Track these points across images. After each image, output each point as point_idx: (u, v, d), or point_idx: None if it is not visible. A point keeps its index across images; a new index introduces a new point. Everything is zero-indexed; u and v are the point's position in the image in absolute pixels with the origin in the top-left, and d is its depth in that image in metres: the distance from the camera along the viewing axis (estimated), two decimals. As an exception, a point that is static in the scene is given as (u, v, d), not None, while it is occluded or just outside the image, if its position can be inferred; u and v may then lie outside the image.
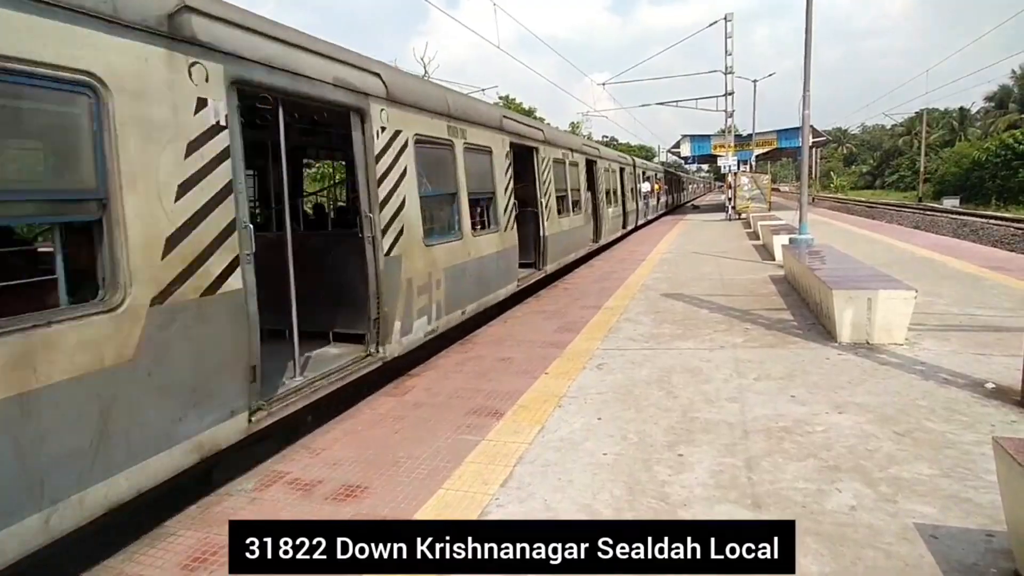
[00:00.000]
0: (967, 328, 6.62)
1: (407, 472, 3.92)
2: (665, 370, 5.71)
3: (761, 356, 6.02)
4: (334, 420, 4.93)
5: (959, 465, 3.63)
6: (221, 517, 3.48)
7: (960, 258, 11.75)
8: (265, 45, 4.40)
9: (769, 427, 4.32)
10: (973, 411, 4.43)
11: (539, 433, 4.41)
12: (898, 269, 9.42)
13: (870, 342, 6.27)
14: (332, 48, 5.37)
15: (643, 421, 4.54)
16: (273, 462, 4.19)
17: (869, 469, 3.64)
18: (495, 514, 3.34)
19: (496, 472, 3.83)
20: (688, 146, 37.08)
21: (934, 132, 68.13)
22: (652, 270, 12.19)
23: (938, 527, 3.01)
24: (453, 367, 6.22)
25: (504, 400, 5.12)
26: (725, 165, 28.15)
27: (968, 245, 15.05)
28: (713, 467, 3.76)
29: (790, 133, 32.90)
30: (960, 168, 49.65)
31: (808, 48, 11.37)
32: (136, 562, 3.10)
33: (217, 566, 3.01)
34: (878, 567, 2.73)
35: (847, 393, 4.92)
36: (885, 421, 4.32)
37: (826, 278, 7.01)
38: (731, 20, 24.80)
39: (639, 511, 3.30)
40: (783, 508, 3.25)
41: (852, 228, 20.07)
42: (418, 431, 4.59)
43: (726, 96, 26.52)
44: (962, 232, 25.15)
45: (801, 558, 2.80)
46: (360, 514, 3.43)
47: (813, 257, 9.02)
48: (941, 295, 8.22)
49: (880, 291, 6.25)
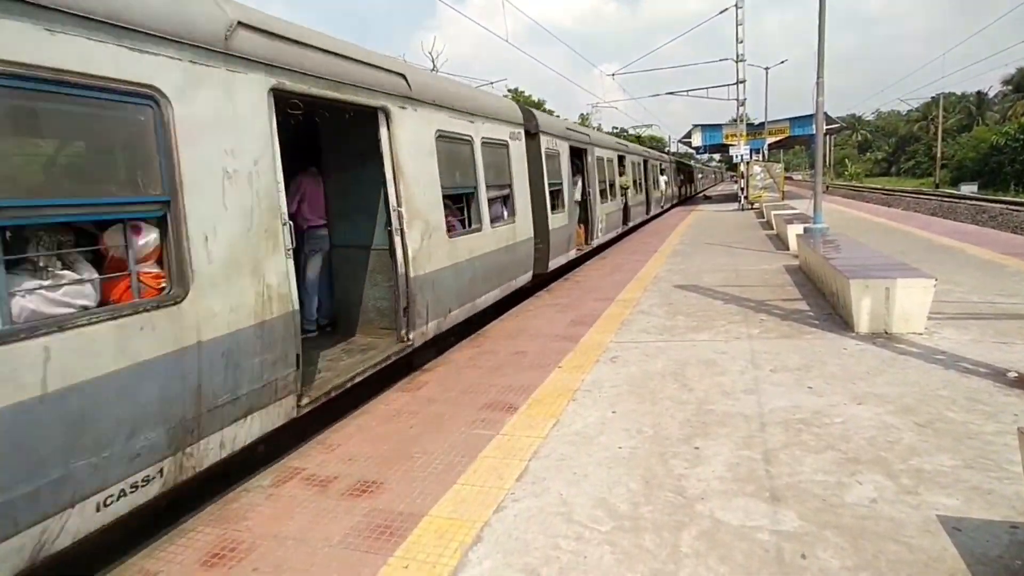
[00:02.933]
0: (988, 316, 6.52)
1: (422, 467, 3.92)
2: (680, 362, 5.67)
3: (777, 347, 5.96)
4: (349, 416, 4.95)
5: (982, 456, 3.57)
6: (239, 513, 3.51)
7: (979, 245, 11.57)
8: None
9: (786, 419, 4.28)
10: (995, 400, 4.36)
11: (554, 427, 4.39)
12: (916, 257, 9.31)
13: (888, 332, 6.19)
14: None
15: (658, 414, 4.51)
16: (289, 458, 4.21)
17: (890, 461, 3.59)
18: (511, 509, 3.33)
19: (511, 467, 3.83)
20: (699, 136, 36.78)
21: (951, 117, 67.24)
22: (664, 262, 12.11)
23: (961, 519, 2.96)
24: (466, 362, 6.22)
25: (518, 394, 5.11)
26: (737, 154, 27.88)
27: (987, 232, 14.81)
28: (730, 460, 3.73)
29: (803, 121, 32.57)
30: (978, 153, 48.98)
31: (821, 33, 11.19)
32: (156, 558, 3.12)
33: (236, 561, 3.03)
34: (900, 561, 2.69)
35: (866, 384, 4.86)
36: (905, 412, 4.27)
37: (842, 267, 6.93)
38: (742, 7, 24.52)
39: (655, 505, 3.28)
40: (802, 501, 3.21)
41: (867, 216, 19.83)
42: (432, 426, 4.59)
43: (737, 84, 26.24)
44: (981, 219, 24.79)
45: (821, 552, 2.78)
46: (376, 510, 3.43)
47: (828, 246, 8.90)
48: (960, 283, 8.10)
49: (898, 280, 6.16)
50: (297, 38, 4.68)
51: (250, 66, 4.13)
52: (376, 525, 3.28)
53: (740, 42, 25.06)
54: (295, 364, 4.42)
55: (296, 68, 4.58)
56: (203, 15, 3.79)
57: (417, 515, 3.34)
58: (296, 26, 4.82)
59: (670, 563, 2.78)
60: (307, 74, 4.70)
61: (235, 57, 3.99)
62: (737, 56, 25.31)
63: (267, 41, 4.32)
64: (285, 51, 4.48)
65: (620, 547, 2.93)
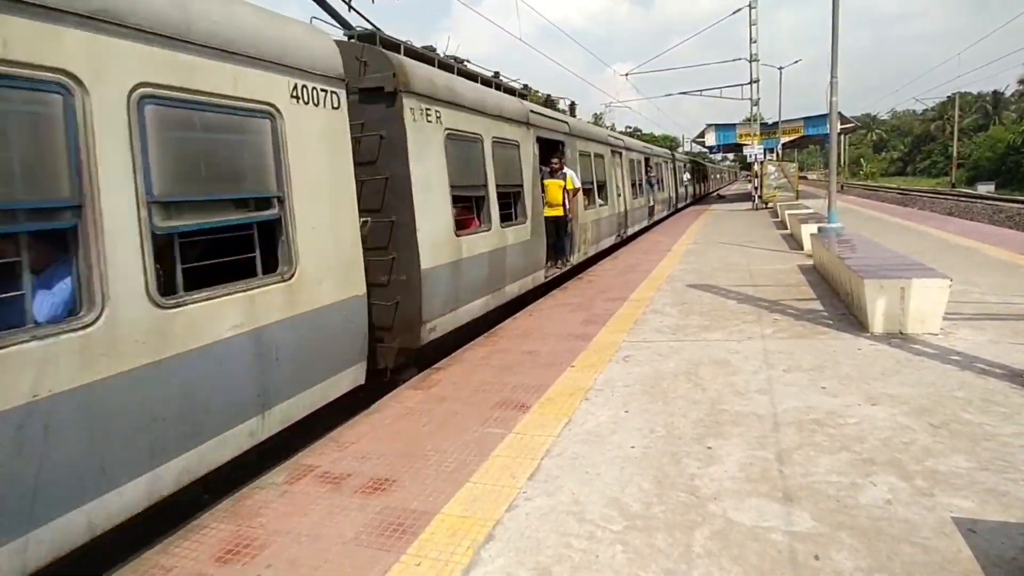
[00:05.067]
0: (1004, 317, 6.44)
1: (435, 465, 3.94)
2: (692, 362, 5.66)
3: (791, 347, 5.93)
4: (362, 413, 4.97)
5: (997, 457, 3.54)
6: (253, 510, 3.54)
7: (996, 245, 11.44)
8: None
9: (800, 419, 4.26)
10: (1011, 402, 4.31)
11: (566, 426, 4.40)
12: (931, 257, 9.21)
13: (903, 332, 6.14)
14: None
15: (671, 414, 4.50)
16: (303, 456, 4.24)
17: (904, 462, 3.56)
18: (523, 507, 3.34)
19: (523, 465, 3.83)
20: (713, 135, 36.68)
21: (967, 116, 66.49)
22: (678, 261, 12.07)
23: (976, 521, 2.93)
24: (479, 360, 6.23)
25: (530, 393, 5.12)
26: (751, 154, 27.75)
27: (1004, 231, 14.63)
28: (743, 460, 3.72)
29: (817, 120, 32.36)
30: (995, 153, 48.43)
31: (835, 33, 11.11)
32: (171, 554, 3.16)
33: (249, 558, 3.06)
34: (915, 562, 2.67)
35: (880, 384, 4.82)
36: (920, 413, 4.23)
37: (857, 267, 6.88)
38: (755, 7, 24.40)
39: (668, 504, 3.27)
40: (816, 502, 3.20)
41: (883, 216, 19.66)
42: (445, 424, 4.61)
43: (751, 84, 26.14)
44: (998, 218, 24.50)
45: (835, 553, 2.76)
46: (389, 507, 3.45)
47: (843, 246, 8.83)
48: (977, 283, 8.01)
49: (913, 280, 6.11)
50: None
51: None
52: (389, 522, 3.29)
53: (753, 42, 24.97)
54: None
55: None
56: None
57: (430, 513, 3.36)
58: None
59: (682, 563, 2.78)
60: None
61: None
62: (751, 56, 25.19)
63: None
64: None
65: (632, 546, 2.93)
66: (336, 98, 4.91)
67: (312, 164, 4.59)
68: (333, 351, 4.82)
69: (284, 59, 4.36)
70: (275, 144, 4.25)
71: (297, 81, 4.48)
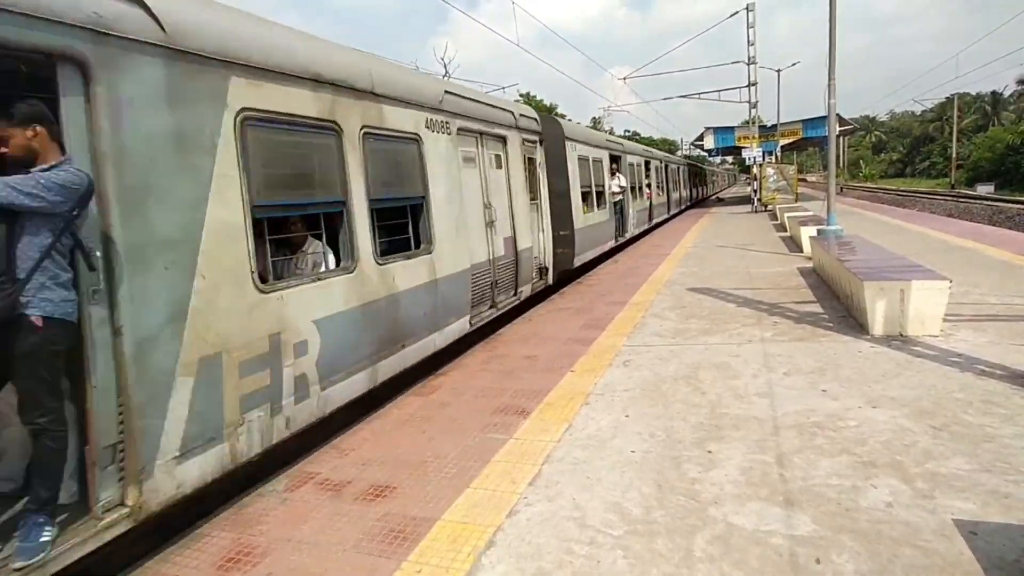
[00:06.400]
0: (1004, 318, 6.44)
1: (435, 471, 3.94)
2: (692, 366, 5.66)
3: (791, 350, 5.93)
4: (362, 420, 4.98)
5: (998, 459, 3.53)
6: (253, 518, 3.54)
7: (996, 246, 11.44)
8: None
9: (800, 423, 4.25)
10: (1012, 403, 4.31)
11: (566, 431, 4.40)
12: (931, 259, 9.21)
13: (904, 334, 6.14)
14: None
15: (671, 418, 4.50)
16: (304, 463, 4.25)
17: (905, 464, 3.56)
18: (523, 513, 3.34)
19: (524, 471, 3.83)
20: (712, 138, 36.58)
21: (966, 117, 66.57)
22: (677, 265, 12.08)
23: (978, 523, 2.93)
24: (479, 366, 6.23)
25: (530, 398, 5.12)
26: (750, 157, 27.75)
27: (1004, 232, 14.63)
28: (744, 464, 3.71)
29: (816, 122, 32.29)
30: (994, 153, 48.42)
31: (832, 35, 11.14)
32: (172, 563, 3.16)
33: (250, 566, 3.06)
34: (916, 565, 2.67)
35: (881, 387, 4.82)
36: (921, 415, 4.23)
37: (856, 269, 6.88)
38: (752, 10, 24.44)
39: (668, 509, 3.27)
40: (817, 505, 3.20)
41: (882, 217, 19.66)
42: (445, 431, 4.61)
43: (749, 87, 26.13)
44: (998, 219, 24.49)
45: (836, 556, 2.76)
46: (390, 514, 3.45)
47: (842, 248, 8.84)
48: (977, 284, 8.01)
49: (913, 282, 6.11)
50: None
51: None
52: (389, 529, 3.29)
53: (751, 44, 24.98)
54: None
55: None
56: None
57: (430, 519, 3.36)
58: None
59: (683, 567, 2.78)
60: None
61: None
62: (748, 58, 25.22)
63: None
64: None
65: (633, 552, 2.93)
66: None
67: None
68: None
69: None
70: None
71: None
